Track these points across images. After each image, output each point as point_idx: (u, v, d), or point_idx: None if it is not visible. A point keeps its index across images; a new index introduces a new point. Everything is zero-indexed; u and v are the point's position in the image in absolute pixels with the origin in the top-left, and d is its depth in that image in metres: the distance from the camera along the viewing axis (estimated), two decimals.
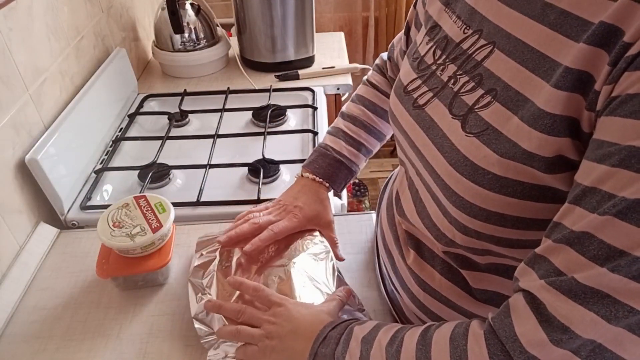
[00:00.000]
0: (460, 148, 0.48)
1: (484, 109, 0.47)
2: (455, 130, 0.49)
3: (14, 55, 0.82)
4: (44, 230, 0.85)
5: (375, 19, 2.04)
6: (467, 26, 0.53)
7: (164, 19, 1.30)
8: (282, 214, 0.74)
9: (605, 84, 0.37)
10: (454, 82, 0.52)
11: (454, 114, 0.50)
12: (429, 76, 0.57)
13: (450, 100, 0.52)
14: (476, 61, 0.50)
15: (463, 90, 0.50)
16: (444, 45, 0.56)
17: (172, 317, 0.71)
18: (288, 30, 1.34)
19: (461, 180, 0.48)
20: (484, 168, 0.46)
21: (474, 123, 0.48)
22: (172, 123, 1.15)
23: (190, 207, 0.91)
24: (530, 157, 0.42)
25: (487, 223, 0.47)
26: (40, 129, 0.89)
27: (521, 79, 0.44)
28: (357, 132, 0.79)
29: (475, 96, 0.49)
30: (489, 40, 0.49)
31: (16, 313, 0.73)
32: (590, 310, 0.35)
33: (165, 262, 0.72)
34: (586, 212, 0.37)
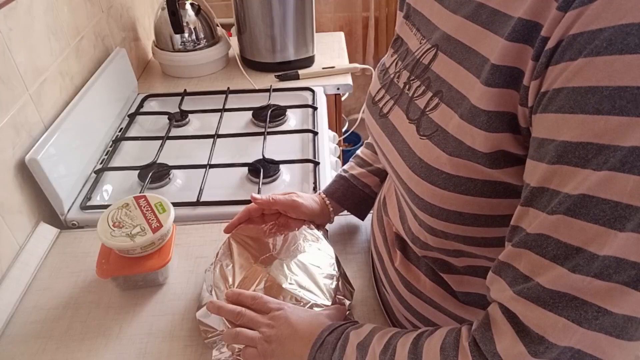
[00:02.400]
0: (416, 151, 0.50)
1: (433, 110, 0.49)
2: (412, 134, 0.51)
3: (14, 55, 0.82)
4: (44, 230, 0.85)
5: (375, 19, 2.04)
6: (423, 37, 0.55)
7: (164, 19, 1.30)
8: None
9: (532, 79, 0.38)
10: (408, 87, 0.54)
11: (410, 118, 0.52)
12: (389, 85, 0.59)
13: (406, 105, 0.53)
14: (424, 65, 0.52)
15: (416, 94, 0.52)
16: (404, 56, 0.58)
17: (172, 317, 0.71)
18: (288, 30, 1.34)
19: (419, 182, 0.49)
20: (437, 168, 0.47)
21: (426, 126, 0.49)
22: (172, 123, 1.15)
23: (190, 207, 0.91)
24: (474, 153, 0.43)
25: (449, 222, 0.48)
26: (40, 129, 0.89)
27: (461, 78, 0.46)
28: (365, 154, 0.81)
29: (425, 99, 0.50)
30: (433, 44, 0.51)
31: (16, 313, 0.73)
32: (560, 315, 0.35)
33: (165, 262, 0.72)
34: (538, 213, 0.37)
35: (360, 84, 2.22)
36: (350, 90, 1.37)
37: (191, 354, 0.66)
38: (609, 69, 0.32)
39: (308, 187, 0.96)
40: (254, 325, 0.60)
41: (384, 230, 0.66)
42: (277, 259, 0.69)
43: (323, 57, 1.47)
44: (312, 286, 0.66)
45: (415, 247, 0.57)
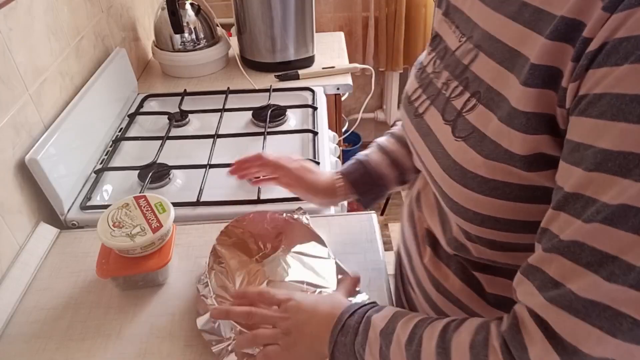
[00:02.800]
0: (450, 153, 0.49)
1: (470, 112, 0.47)
2: (447, 135, 0.50)
3: (14, 55, 0.82)
4: (44, 230, 0.85)
5: (375, 19, 2.04)
6: (462, 34, 0.53)
7: (164, 19, 1.30)
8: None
9: (570, 81, 0.37)
10: (446, 88, 0.53)
11: (446, 119, 0.51)
12: (427, 84, 0.57)
13: (443, 106, 0.52)
14: (464, 65, 0.51)
15: (453, 95, 0.51)
16: (443, 55, 0.56)
17: (172, 317, 0.71)
18: (288, 30, 1.34)
19: (453, 185, 0.48)
20: (471, 171, 0.46)
21: (462, 127, 0.48)
22: (172, 123, 1.15)
23: (190, 207, 0.91)
24: (510, 156, 0.42)
25: (483, 227, 0.47)
26: (40, 129, 0.89)
27: (501, 78, 0.45)
28: (390, 142, 0.78)
29: (462, 100, 0.49)
30: (475, 44, 0.50)
31: (16, 313, 0.73)
32: (594, 325, 0.35)
33: (165, 262, 0.72)
34: (572, 219, 0.36)
35: (360, 84, 2.22)
36: (350, 90, 1.37)
37: (191, 354, 0.66)
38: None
39: None
40: (268, 321, 0.59)
41: (414, 225, 0.65)
42: (270, 256, 0.69)
43: (323, 57, 1.47)
44: (312, 275, 0.66)
45: (449, 248, 0.55)
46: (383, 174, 0.75)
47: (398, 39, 2.05)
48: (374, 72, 1.57)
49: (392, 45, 2.08)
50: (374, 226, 0.85)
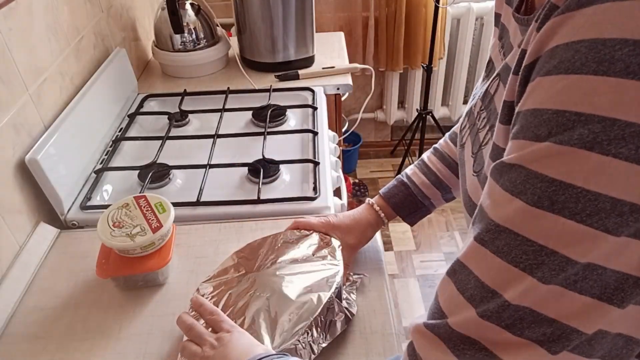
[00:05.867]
0: (467, 187, 0.49)
1: (485, 146, 0.47)
2: (469, 169, 0.50)
3: (14, 55, 0.82)
4: (44, 230, 0.85)
5: (375, 19, 2.04)
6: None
7: (164, 19, 1.30)
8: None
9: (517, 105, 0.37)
10: (478, 118, 0.52)
11: (473, 152, 0.50)
12: (469, 113, 0.56)
13: (473, 138, 0.51)
14: (490, 95, 0.50)
15: (480, 126, 0.50)
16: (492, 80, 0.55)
17: (172, 317, 0.71)
18: (288, 30, 1.34)
19: (469, 219, 0.48)
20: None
21: (478, 162, 0.48)
22: (172, 123, 1.15)
23: (190, 207, 0.91)
24: None
25: None
26: (40, 129, 0.89)
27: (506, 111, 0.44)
28: (432, 161, 0.77)
29: (484, 132, 0.48)
30: (497, 73, 0.49)
31: (16, 313, 0.73)
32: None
33: (165, 262, 0.72)
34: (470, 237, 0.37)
35: (360, 84, 2.22)
36: (350, 90, 1.37)
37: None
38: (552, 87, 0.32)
39: (308, 187, 0.96)
40: (199, 342, 0.59)
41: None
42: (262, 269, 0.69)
43: (323, 57, 1.47)
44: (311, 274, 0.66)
45: None
46: (426, 194, 0.74)
47: (398, 39, 2.05)
48: (374, 72, 1.57)
49: (392, 45, 2.08)
50: None
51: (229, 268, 0.71)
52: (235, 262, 0.72)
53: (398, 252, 2.08)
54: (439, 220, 2.21)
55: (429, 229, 2.17)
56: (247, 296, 0.66)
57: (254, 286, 0.67)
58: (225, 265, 0.72)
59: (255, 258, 0.71)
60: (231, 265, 0.71)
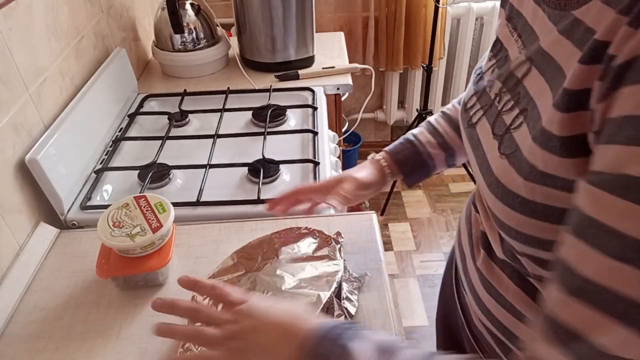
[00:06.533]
0: (493, 169, 0.48)
1: (517, 129, 0.46)
2: (494, 150, 0.49)
3: (14, 55, 0.82)
4: (44, 230, 0.85)
5: (375, 19, 2.04)
6: (524, 46, 0.51)
7: (164, 19, 1.30)
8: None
9: (597, 102, 0.36)
10: (498, 100, 0.51)
11: (495, 133, 0.49)
12: (482, 93, 0.56)
13: (494, 119, 0.51)
14: (517, 78, 0.49)
15: (504, 109, 0.49)
16: (503, 64, 0.54)
17: (172, 318, 0.71)
18: (288, 30, 1.34)
19: (496, 202, 0.47)
20: (512, 191, 0.44)
21: (507, 144, 0.47)
22: (172, 123, 1.15)
23: (190, 207, 0.91)
24: (550, 178, 0.40)
25: (527, 245, 0.46)
26: (40, 129, 0.89)
27: (545, 97, 0.43)
28: (440, 123, 0.77)
29: (512, 116, 0.48)
30: (527, 57, 0.48)
31: (16, 313, 0.73)
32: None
33: (165, 262, 0.72)
34: (594, 252, 0.34)
35: (360, 84, 2.22)
36: (350, 90, 1.37)
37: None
38: None
39: None
40: (215, 322, 0.51)
41: (470, 226, 0.64)
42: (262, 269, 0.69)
43: (323, 57, 1.47)
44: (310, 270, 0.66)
45: (504, 256, 0.54)
46: (431, 154, 0.74)
47: (398, 39, 2.05)
48: (374, 72, 1.57)
49: (392, 45, 2.08)
50: (374, 226, 0.85)
51: (228, 268, 0.71)
52: (235, 261, 0.72)
53: (398, 252, 2.08)
54: (439, 220, 2.21)
55: (429, 229, 2.18)
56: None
57: (254, 286, 0.67)
58: (224, 265, 0.72)
59: (255, 257, 0.71)
60: (231, 265, 0.71)
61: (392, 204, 2.31)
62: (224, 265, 0.72)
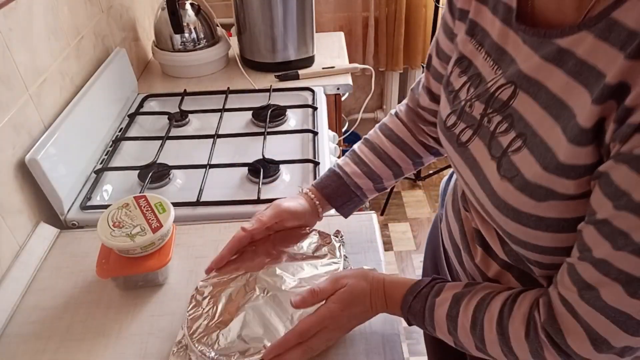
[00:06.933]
0: (498, 192, 0.50)
1: (516, 153, 0.48)
2: (493, 172, 0.51)
3: (14, 55, 0.82)
4: (44, 230, 0.85)
5: (375, 19, 2.04)
6: (497, 65, 0.53)
7: (164, 19, 1.30)
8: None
9: (612, 140, 0.39)
10: (487, 121, 0.53)
11: (492, 154, 0.51)
12: (461, 112, 0.57)
13: (488, 140, 0.52)
14: (502, 101, 0.51)
15: (498, 130, 0.51)
16: (477, 83, 0.56)
17: (172, 317, 0.71)
18: (288, 30, 1.34)
19: (508, 222, 0.49)
20: (525, 212, 0.47)
21: (507, 167, 0.49)
22: (172, 123, 1.15)
23: (190, 207, 0.91)
24: (567, 196, 0.44)
25: (544, 254, 0.49)
26: (40, 129, 0.89)
27: (546, 126, 0.45)
28: (364, 152, 0.77)
29: (508, 138, 0.49)
30: (509, 80, 0.50)
31: (16, 313, 0.73)
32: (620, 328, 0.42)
33: (165, 262, 0.72)
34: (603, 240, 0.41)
35: (360, 84, 2.22)
36: (350, 90, 1.37)
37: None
38: None
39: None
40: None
41: (461, 223, 0.65)
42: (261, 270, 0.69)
43: (323, 57, 1.47)
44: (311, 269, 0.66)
45: (508, 259, 0.57)
46: (358, 184, 0.75)
47: (398, 39, 2.05)
48: (374, 72, 1.57)
49: (392, 45, 2.08)
50: (374, 226, 0.85)
51: (228, 268, 0.71)
52: (236, 261, 0.72)
53: (398, 252, 2.08)
54: None
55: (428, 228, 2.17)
56: (248, 295, 0.66)
57: (254, 285, 0.67)
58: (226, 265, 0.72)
59: (255, 257, 0.71)
60: (231, 265, 0.71)
61: (392, 204, 2.31)
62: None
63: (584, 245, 0.43)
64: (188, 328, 0.63)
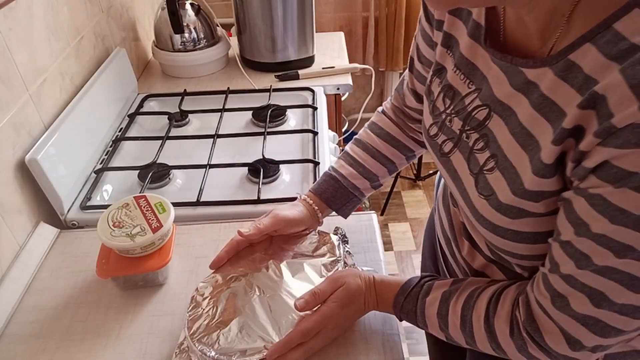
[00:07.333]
0: (477, 207, 0.52)
1: (490, 173, 0.50)
2: (472, 187, 0.53)
3: (14, 55, 0.82)
4: (44, 230, 0.85)
5: (375, 19, 2.04)
6: (470, 81, 0.54)
7: (164, 19, 1.30)
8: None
9: (571, 176, 0.42)
10: (466, 137, 0.55)
11: (471, 170, 0.53)
12: (441, 124, 0.59)
13: (468, 155, 0.54)
14: (478, 120, 0.52)
15: (476, 147, 0.53)
16: (452, 95, 0.57)
17: (172, 317, 0.71)
18: (288, 30, 1.34)
19: (487, 233, 0.52)
20: (502, 227, 0.50)
21: (483, 185, 0.51)
22: (172, 123, 1.15)
23: (190, 207, 0.91)
24: (540, 214, 0.47)
25: (523, 260, 0.53)
26: (40, 129, 0.89)
27: (515, 152, 0.47)
28: (357, 152, 0.78)
29: (484, 157, 0.51)
30: (484, 102, 0.52)
31: (16, 313, 0.73)
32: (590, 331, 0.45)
33: (165, 262, 0.72)
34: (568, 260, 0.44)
35: (360, 84, 2.22)
36: (350, 90, 1.37)
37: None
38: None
39: (308, 187, 0.95)
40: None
41: (450, 217, 0.68)
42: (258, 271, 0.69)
43: (323, 57, 1.47)
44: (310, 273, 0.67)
45: (492, 256, 0.59)
46: (355, 185, 0.76)
47: (398, 39, 2.05)
48: (374, 72, 1.57)
49: (392, 45, 2.08)
50: (374, 226, 0.85)
51: (228, 268, 0.71)
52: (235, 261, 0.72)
53: (398, 252, 2.08)
54: None
55: None
56: (248, 295, 0.66)
57: (254, 285, 0.67)
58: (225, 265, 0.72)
59: (255, 258, 0.71)
60: (231, 265, 0.71)
61: (392, 204, 2.31)
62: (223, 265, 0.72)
63: (552, 259, 0.46)
64: (188, 328, 0.63)
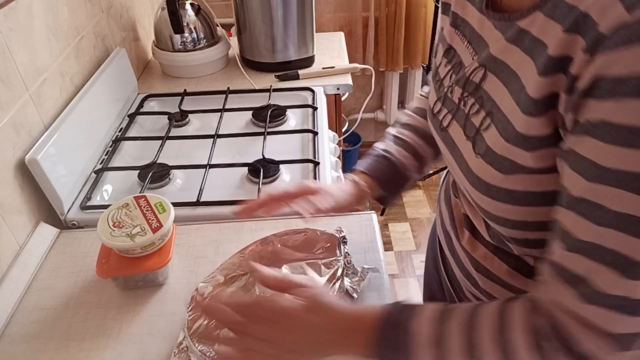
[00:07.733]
0: (473, 169, 0.52)
1: (486, 130, 0.51)
2: (469, 151, 0.53)
3: (14, 55, 0.82)
4: (44, 230, 0.85)
5: (375, 19, 2.04)
6: (475, 53, 0.55)
7: (164, 19, 1.30)
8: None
9: (567, 110, 0.41)
10: (463, 104, 0.55)
11: (467, 135, 0.54)
12: (444, 98, 0.60)
13: (464, 122, 0.55)
14: (475, 83, 0.53)
15: (471, 112, 0.53)
16: (458, 70, 0.58)
17: (172, 317, 0.71)
18: (288, 30, 1.34)
19: (482, 197, 0.52)
20: (495, 185, 0.49)
21: (480, 144, 0.51)
22: (172, 123, 1.15)
23: (190, 207, 0.91)
24: (529, 169, 0.46)
25: (515, 229, 0.52)
26: (40, 129, 0.89)
27: (506, 102, 0.48)
28: (402, 132, 0.76)
29: (479, 118, 0.52)
30: (481, 64, 0.53)
31: (16, 313, 0.73)
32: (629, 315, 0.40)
33: (165, 262, 0.72)
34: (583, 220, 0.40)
35: (360, 84, 2.22)
36: (350, 90, 1.37)
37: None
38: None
39: None
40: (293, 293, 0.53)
41: (451, 209, 0.68)
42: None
43: (323, 57, 1.47)
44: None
45: (492, 240, 0.59)
46: (406, 165, 0.74)
47: (398, 39, 2.05)
48: (374, 72, 1.57)
49: (392, 45, 2.08)
50: (374, 226, 0.85)
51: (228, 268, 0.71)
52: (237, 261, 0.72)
53: (398, 252, 2.08)
54: None
55: (428, 228, 2.17)
56: (248, 295, 0.66)
57: (254, 286, 0.67)
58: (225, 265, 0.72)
59: (256, 258, 0.71)
60: (232, 265, 0.71)
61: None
62: (224, 265, 0.72)
63: (562, 230, 0.42)
64: (188, 328, 0.63)
